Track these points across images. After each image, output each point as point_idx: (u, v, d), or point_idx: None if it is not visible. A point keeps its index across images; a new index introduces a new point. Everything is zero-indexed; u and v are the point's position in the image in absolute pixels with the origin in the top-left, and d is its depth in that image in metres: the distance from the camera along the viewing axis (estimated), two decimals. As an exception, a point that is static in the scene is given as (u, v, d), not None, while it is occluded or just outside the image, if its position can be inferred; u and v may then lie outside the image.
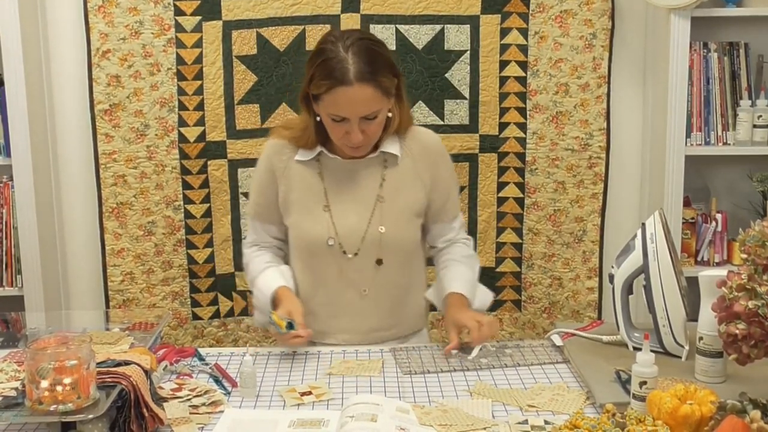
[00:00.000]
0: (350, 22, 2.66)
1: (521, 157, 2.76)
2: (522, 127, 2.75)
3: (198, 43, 2.69)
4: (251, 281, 2.01)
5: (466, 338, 1.81)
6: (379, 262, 1.89)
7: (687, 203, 2.73)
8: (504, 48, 2.71)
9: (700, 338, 1.58)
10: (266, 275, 1.95)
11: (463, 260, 1.97)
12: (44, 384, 1.31)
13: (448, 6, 2.68)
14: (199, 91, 2.70)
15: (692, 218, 2.73)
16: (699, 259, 2.77)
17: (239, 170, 2.75)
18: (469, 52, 2.70)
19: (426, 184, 1.92)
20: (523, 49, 2.71)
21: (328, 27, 2.66)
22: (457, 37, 2.70)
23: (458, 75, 2.71)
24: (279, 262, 2.00)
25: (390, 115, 1.84)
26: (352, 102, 1.74)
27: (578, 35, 2.70)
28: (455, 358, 1.77)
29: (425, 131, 1.98)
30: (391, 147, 1.89)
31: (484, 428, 1.42)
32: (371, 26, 2.67)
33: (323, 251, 1.89)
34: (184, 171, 2.74)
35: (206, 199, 2.77)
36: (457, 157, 2.67)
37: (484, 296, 2.00)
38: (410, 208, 1.91)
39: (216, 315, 2.84)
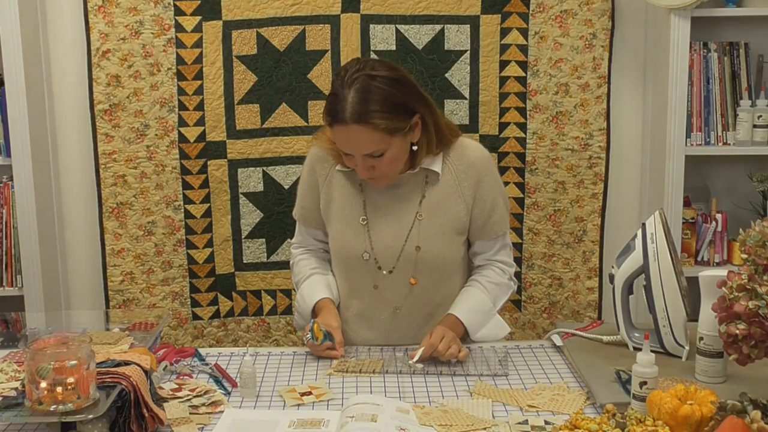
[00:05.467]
0: (350, 22, 2.66)
1: (521, 157, 2.76)
2: (522, 127, 2.75)
3: (198, 43, 2.68)
4: (296, 284, 2.01)
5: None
6: (414, 281, 1.86)
7: (687, 203, 2.73)
8: (504, 48, 2.71)
9: (701, 338, 1.58)
10: (311, 283, 1.94)
11: (487, 286, 1.90)
12: (44, 384, 1.31)
13: (448, 6, 2.68)
14: (199, 91, 2.70)
15: (692, 218, 2.73)
16: (699, 259, 2.76)
17: (239, 170, 2.75)
18: (469, 52, 2.70)
19: (468, 201, 1.85)
20: (523, 49, 2.71)
21: (328, 27, 2.66)
22: (457, 37, 2.69)
23: (458, 75, 2.71)
24: (325, 267, 1.99)
25: (415, 147, 1.78)
26: (350, 141, 1.71)
27: (578, 35, 2.70)
28: (403, 362, 1.74)
29: (472, 146, 1.89)
30: (432, 164, 1.83)
31: (484, 428, 1.42)
32: (371, 26, 2.67)
33: (359, 264, 1.87)
34: (184, 171, 2.74)
35: (206, 199, 2.77)
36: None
37: (495, 329, 1.90)
38: (450, 226, 1.85)
39: (216, 315, 2.84)
